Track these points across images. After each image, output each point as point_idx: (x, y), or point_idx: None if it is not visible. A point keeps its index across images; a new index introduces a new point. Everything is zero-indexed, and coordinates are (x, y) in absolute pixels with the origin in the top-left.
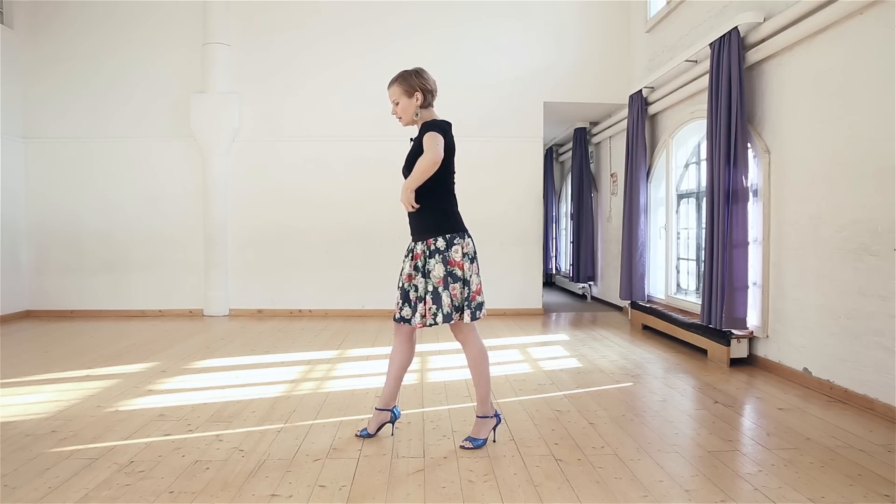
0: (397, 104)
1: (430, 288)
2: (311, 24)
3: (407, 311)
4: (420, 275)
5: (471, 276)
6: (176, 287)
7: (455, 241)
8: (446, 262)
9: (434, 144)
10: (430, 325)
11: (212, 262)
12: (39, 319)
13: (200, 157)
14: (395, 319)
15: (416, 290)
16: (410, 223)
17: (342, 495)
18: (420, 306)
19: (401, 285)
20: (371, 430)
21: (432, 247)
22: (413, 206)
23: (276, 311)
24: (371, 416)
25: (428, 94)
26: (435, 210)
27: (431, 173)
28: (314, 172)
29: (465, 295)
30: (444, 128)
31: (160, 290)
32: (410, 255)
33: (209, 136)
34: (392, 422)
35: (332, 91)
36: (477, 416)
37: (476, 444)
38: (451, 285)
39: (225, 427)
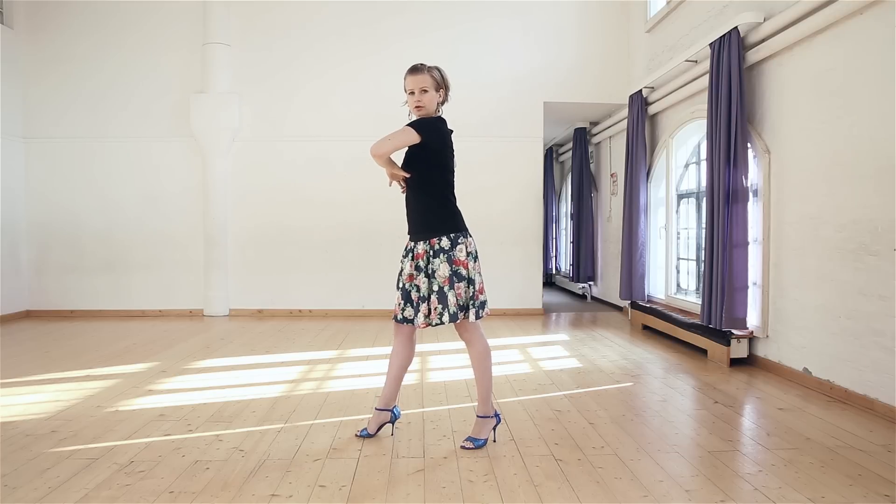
0: (425, 92)
1: (436, 287)
2: (311, 24)
3: (409, 312)
4: (422, 274)
5: (474, 275)
6: (176, 287)
7: (459, 241)
8: (451, 261)
9: (399, 132)
10: (436, 324)
11: (212, 262)
12: (39, 319)
13: (200, 157)
14: (396, 320)
15: (418, 291)
16: (410, 222)
17: (342, 495)
18: (423, 306)
19: (401, 285)
20: (371, 430)
21: (436, 246)
22: (406, 176)
23: (276, 311)
24: (371, 416)
25: (447, 94)
26: (437, 209)
27: (381, 150)
28: (314, 172)
29: (470, 294)
30: (433, 125)
31: (160, 290)
32: (410, 254)
33: (209, 136)
34: (392, 422)
35: (332, 91)
36: (477, 416)
37: (476, 444)
38: (457, 284)
39: (225, 427)
